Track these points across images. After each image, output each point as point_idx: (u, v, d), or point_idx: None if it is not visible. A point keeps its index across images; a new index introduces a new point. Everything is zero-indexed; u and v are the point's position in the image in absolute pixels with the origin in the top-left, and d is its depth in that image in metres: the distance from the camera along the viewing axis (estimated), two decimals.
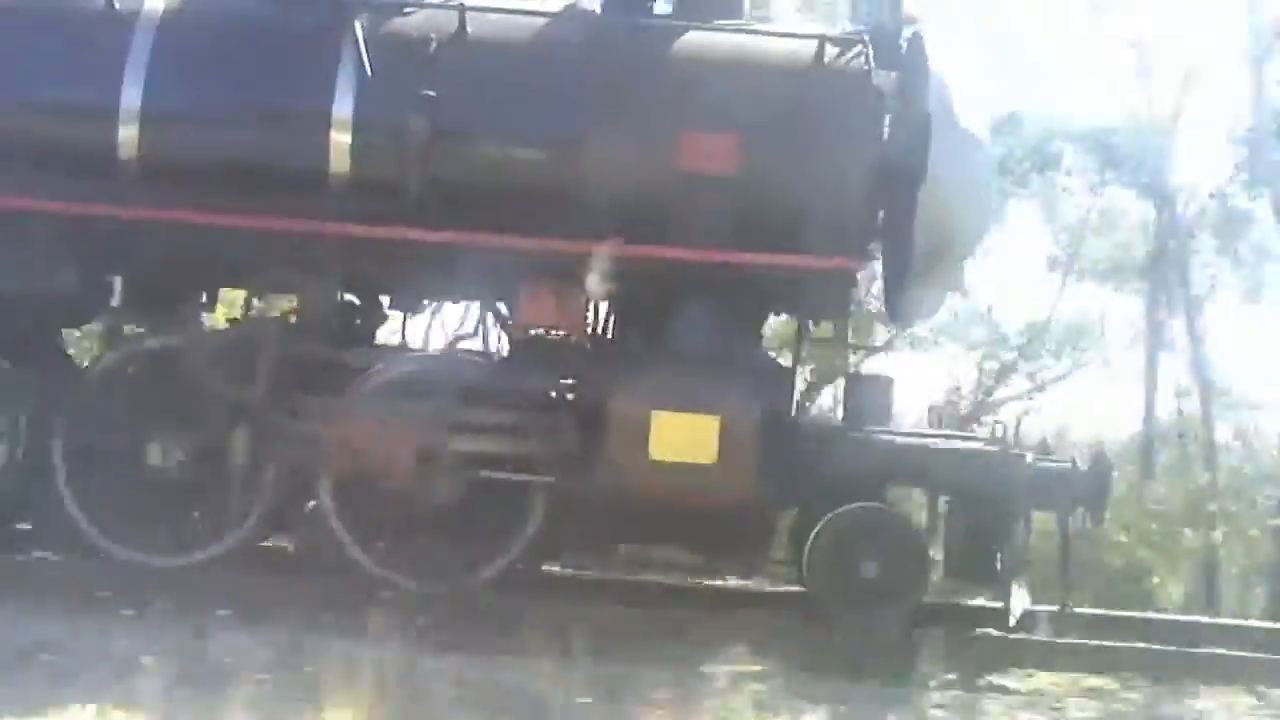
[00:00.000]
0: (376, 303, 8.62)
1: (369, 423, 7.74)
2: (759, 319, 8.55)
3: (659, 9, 8.43)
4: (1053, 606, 8.31)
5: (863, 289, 8.80)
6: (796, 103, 7.93)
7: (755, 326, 8.47)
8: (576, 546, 8.38)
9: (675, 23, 8.24)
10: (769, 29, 8.71)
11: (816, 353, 11.34)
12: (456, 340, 8.36)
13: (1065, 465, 8.17)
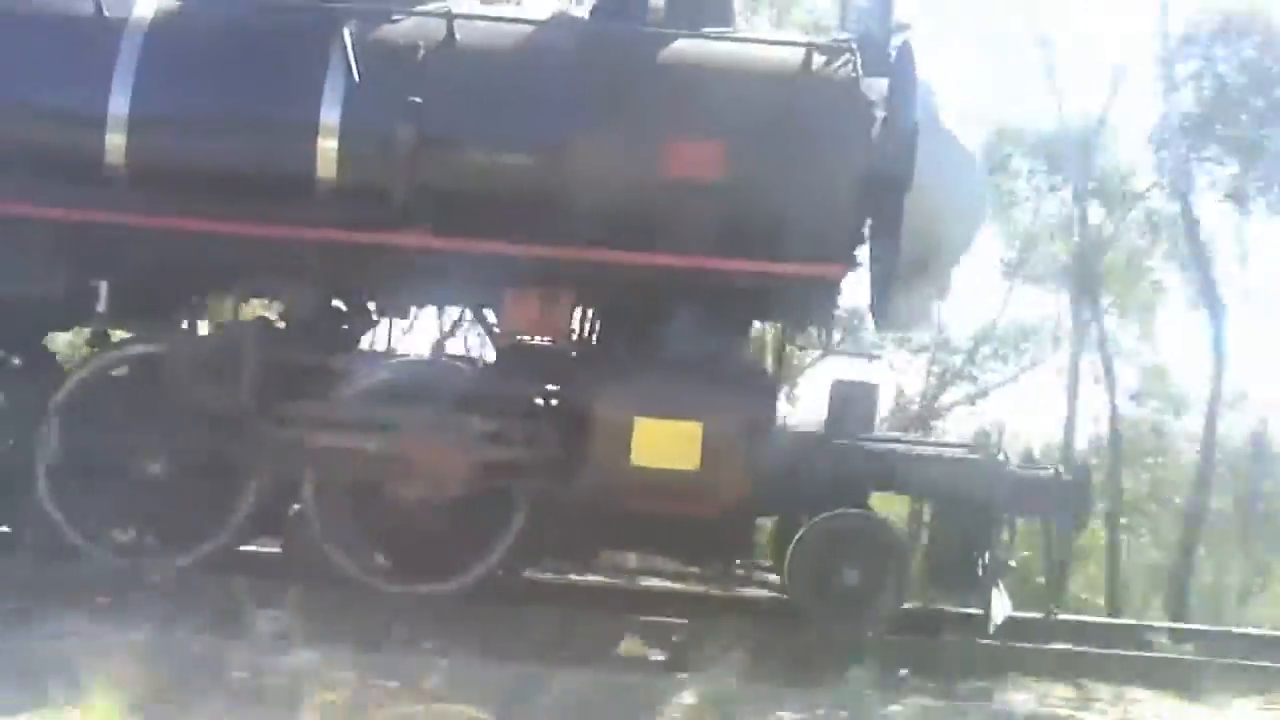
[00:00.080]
0: (363, 308, 8.65)
1: (354, 428, 7.79)
2: (744, 325, 8.57)
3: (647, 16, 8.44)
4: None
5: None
6: (784, 110, 7.95)
7: (740, 333, 8.49)
8: (559, 552, 8.40)
9: (663, 30, 8.26)
10: (757, 36, 8.73)
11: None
12: (442, 345, 8.40)
13: (1047, 472, 8.20)
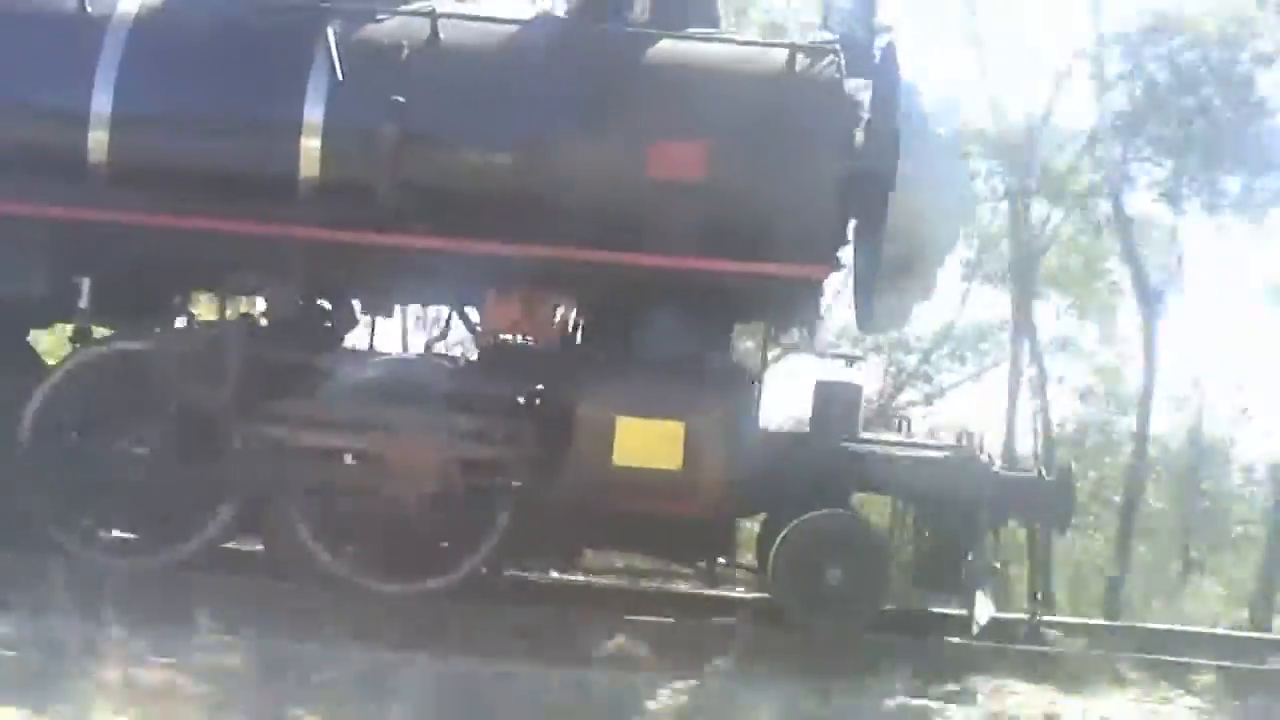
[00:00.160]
0: (347, 307, 8.65)
1: (335, 427, 7.78)
2: (727, 326, 8.55)
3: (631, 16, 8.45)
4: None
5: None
6: (767, 111, 7.96)
7: (723, 333, 8.47)
8: (541, 551, 8.39)
9: (647, 30, 8.26)
10: (740, 37, 8.74)
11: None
12: (426, 344, 8.40)
13: (1030, 475, 8.21)
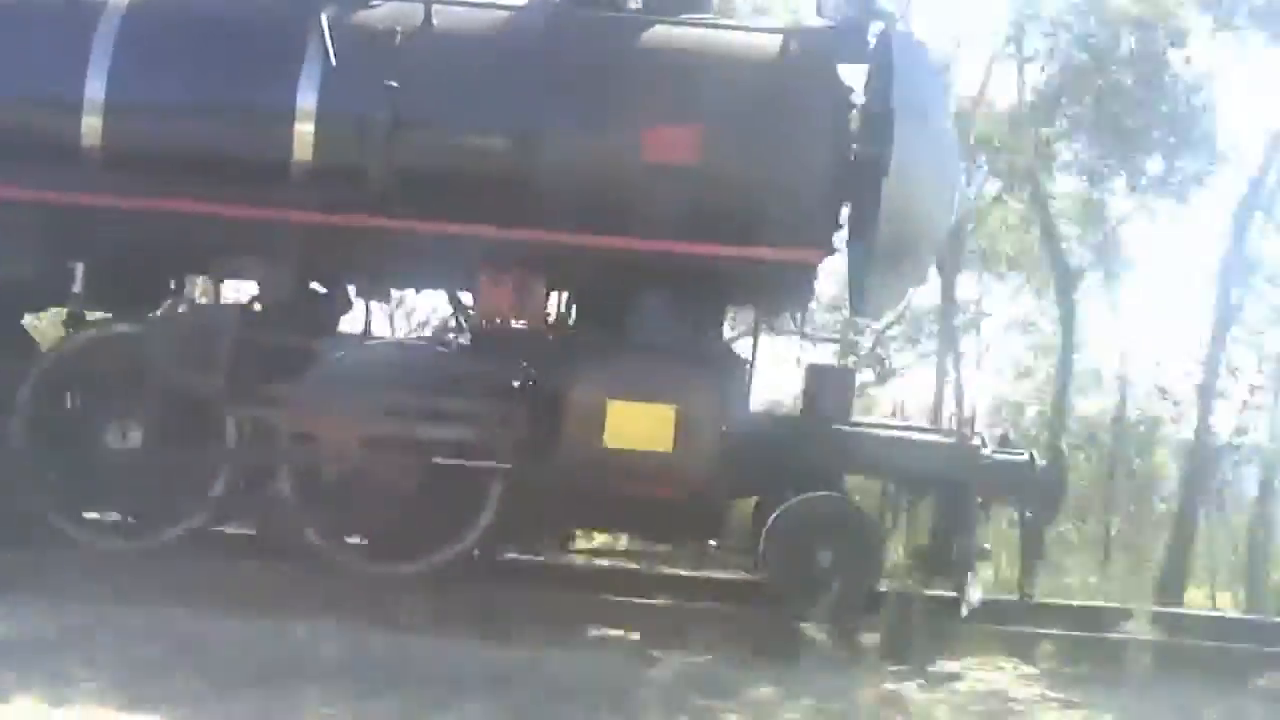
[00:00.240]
0: (342, 291, 8.68)
1: (328, 409, 7.82)
2: (720, 310, 8.59)
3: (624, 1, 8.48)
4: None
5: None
6: (761, 95, 7.97)
7: (716, 317, 8.50)
8: (533, 533, 8.42)
9: (640, 15, 8.28)
10: (734, 23, 8.74)
11: None
12: (419, 328, 8.44)
13: (1022, 458, 8.21)
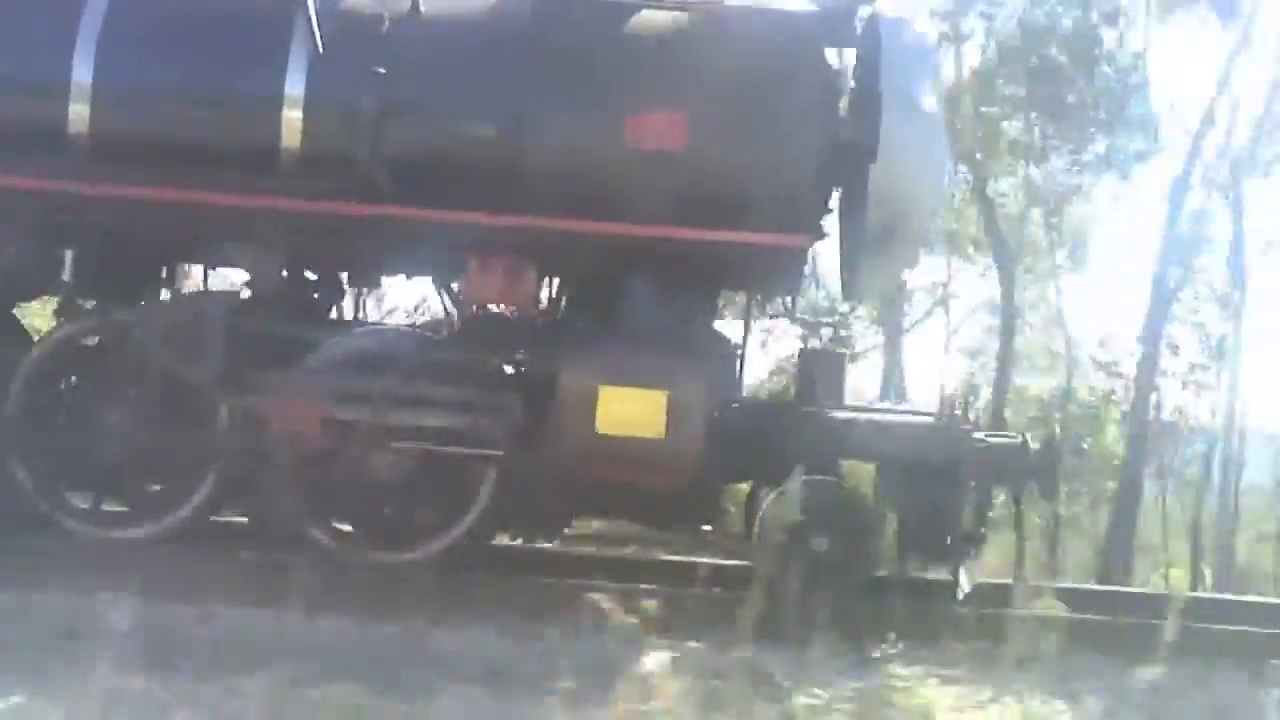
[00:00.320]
0: (333, 278, 8.64)
1: (319, 397, 7.78)
2: (710, 295, 8.55)
3: None
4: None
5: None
6: (748, 80, 7.93)
7: (706, 302, 8.47)
8: (525, 520, 8.39)
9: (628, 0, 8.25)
10: (722, 7, 8.70)
11: None
12: (409, 315, 8.41)
13: (1015, 442, 8.19)
